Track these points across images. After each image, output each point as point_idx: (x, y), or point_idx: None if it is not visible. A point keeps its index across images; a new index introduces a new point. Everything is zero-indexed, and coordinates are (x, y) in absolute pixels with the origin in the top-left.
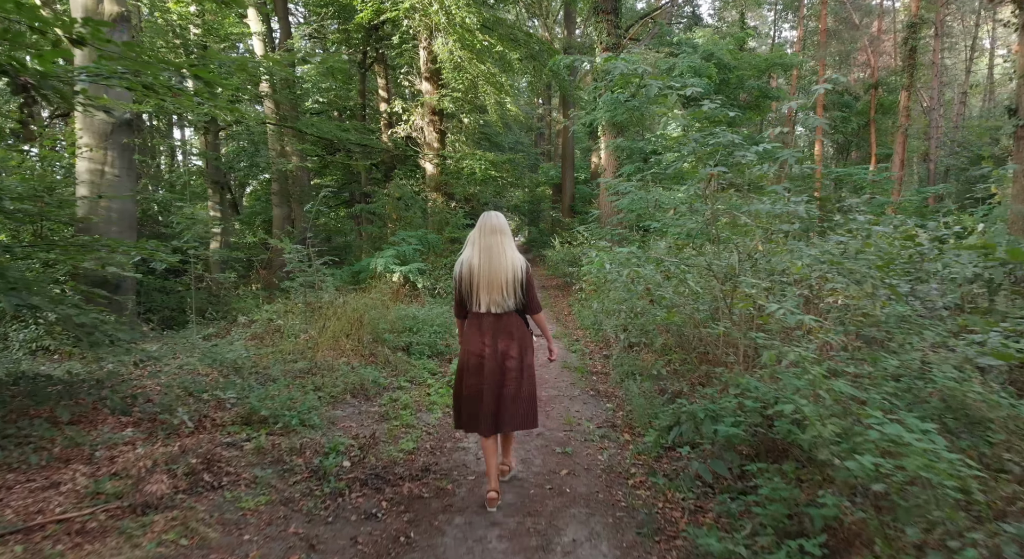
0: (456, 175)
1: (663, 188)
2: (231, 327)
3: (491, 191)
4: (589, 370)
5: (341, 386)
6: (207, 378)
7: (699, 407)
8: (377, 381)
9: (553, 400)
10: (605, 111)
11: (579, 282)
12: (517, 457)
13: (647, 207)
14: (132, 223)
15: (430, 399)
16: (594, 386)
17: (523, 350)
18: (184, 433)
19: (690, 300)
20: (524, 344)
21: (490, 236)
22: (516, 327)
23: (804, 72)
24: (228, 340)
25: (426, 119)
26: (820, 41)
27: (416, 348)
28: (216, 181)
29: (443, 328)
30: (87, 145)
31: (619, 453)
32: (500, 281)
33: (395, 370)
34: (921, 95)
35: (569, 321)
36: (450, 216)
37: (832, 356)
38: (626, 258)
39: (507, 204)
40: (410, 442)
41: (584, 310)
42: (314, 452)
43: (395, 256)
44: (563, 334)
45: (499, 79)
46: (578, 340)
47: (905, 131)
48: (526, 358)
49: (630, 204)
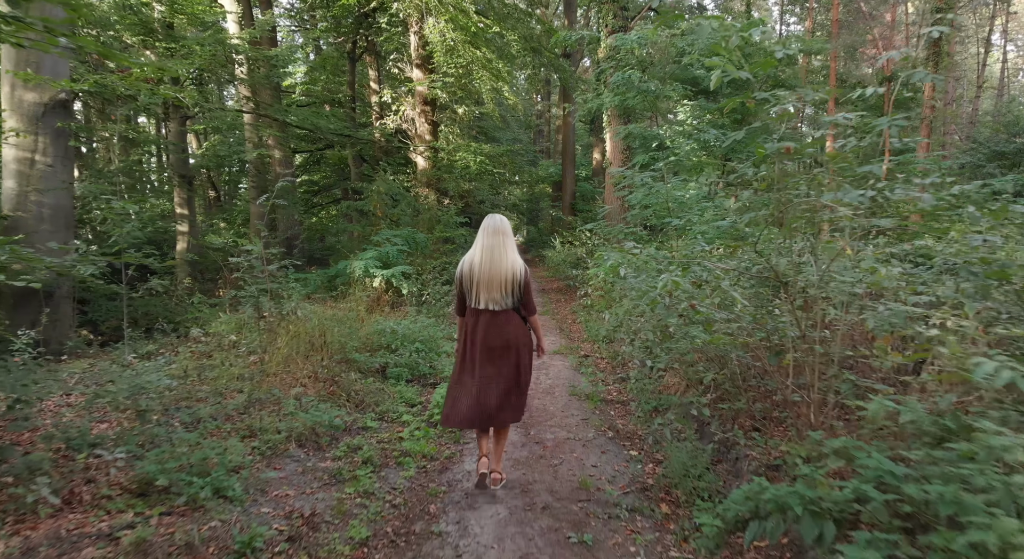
0: (449, 169)
1: (683, 180)
2: (181, 343)
3: (487, 186)
4: (603, 398)
5: (284, 431)
6: (109, 422)
7: (789, 491)
8: (332, 424)
9: (562, 446)
10: (615, 94)
11: (585, 287)
12: (518, 546)
13: (665, 202)
14: (68, 221)
15: (402, 445)
16: (611, 423)
17: (519, 347)
18: (41, 516)
19: (738, 316)
20: (520, 341)
21: (492, 237)
22: (514, 325)
23: (812, 66)
24: (165, 361)
25: (417, 109)
26: (832, 32)
27: (393, 370)
28: (182, 175)
29: (428, 345)
30: (14, 129)
31: (659, 542)
32: (500, 280)
33: (361, 403)
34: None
35: (575, 331)
36: (442, 214)
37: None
38: (644, 261)
39: (505, 202)
40: (364, 525)
41: (592, 320)
42: (222, 549)
43: (376, 258)
44: (568, 350)
45: (496, 65)
46: (587, 356)
47: (930, 123)
48: (522, 356)
49: (645, 198)
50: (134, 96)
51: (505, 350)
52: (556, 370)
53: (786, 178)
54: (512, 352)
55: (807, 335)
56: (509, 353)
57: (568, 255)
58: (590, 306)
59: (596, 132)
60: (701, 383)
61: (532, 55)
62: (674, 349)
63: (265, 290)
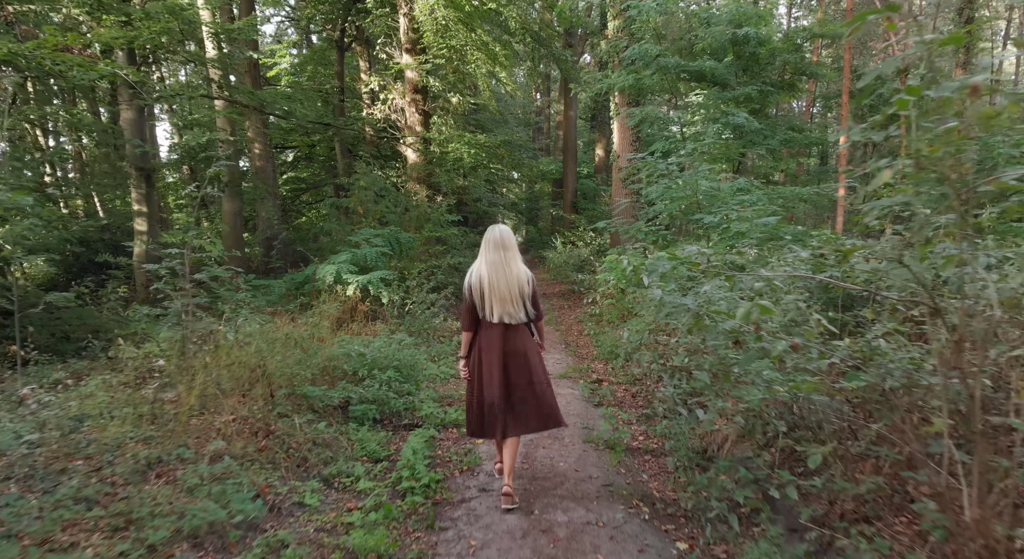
0: (441, 162)
1: (709, 169)
2: (99, 368)
3: (483, 179)
4: (627, 446)
5: (168, 528)
6: None
7: None
8: (245, 512)
9: (579, 537)
10: (628, 72)
11: (592, 293)
12: None
13: (693, 195)
14: None
15: (350, 537)
16: (643, 490)
17: (528, 352)
18: None
19: (830, 350)
20: (530, 348)
21: (495, 252)
22: (526, 337)
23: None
24: (65, 396)
25: (407, 97)
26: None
27: (357, 408)
28: (140, 168)
29: (406, 371)
30: None
31: None
32: (513, 295)
33: (304, 461)
34: None
35: (583, 346)
36: (431, 212)
37: None
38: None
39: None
40: None
41: (602, 333)
42: None
43: (351, 261)
44: (577, 372)
45: (492, 48)
46: (600, 381)
47: None
48: (532, 358)
49: (668, 192)
50: (63, 72)
51: (521, 358)
52: (565, 401)
53: (964, 140)
54: (523, 357)
55: (972, 392)
56: (521, 359)
57: (571, 256)
58: (598, 315)
59: (599, 127)
60: (764, 434)
61: (531, 41)
62: (737, 395)
63: (188, 304)
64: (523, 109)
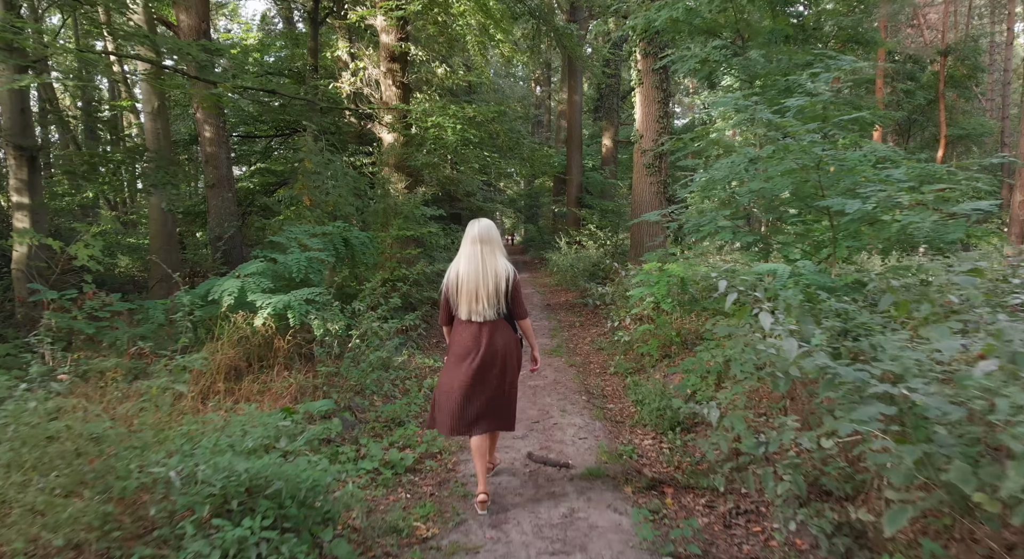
0: (420, 143)
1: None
2: None
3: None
4: None
5: None
6: None
7: None
8: None
9: None
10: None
11: (619, 314)
12: None
13: (816, 169)
14: None
15: None
16: None
17: (506, 358)
18: None
19: None
20: (508, 352)
21: (474, 245)
22: (500, 335)
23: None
24: None
25: (382, 67)
26: None
27: None
28: (19, 146)
29: (304, 511)
30: None
31: None
32: (484, 291)
33: None
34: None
35: (612, 396)
36: (403, 204)
37: None
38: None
39: (499, 197)
40: None
41: (642, 382)
42: None
43: (264, 275)
44: (615, 458)
45: (487, 3)
46: (658, 487)
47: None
48: (508, 371)
49: (773, 163)
50: None
51: (490, 365)
52: (597, 549)
53: None
54: (497, 365)
55: None
56: (494, 367)
57: (579, 259)
58: (628, 344)
59: (606, 114)
60: None
61: (529, 17)
62: None
63: None
64: (522, 102)
